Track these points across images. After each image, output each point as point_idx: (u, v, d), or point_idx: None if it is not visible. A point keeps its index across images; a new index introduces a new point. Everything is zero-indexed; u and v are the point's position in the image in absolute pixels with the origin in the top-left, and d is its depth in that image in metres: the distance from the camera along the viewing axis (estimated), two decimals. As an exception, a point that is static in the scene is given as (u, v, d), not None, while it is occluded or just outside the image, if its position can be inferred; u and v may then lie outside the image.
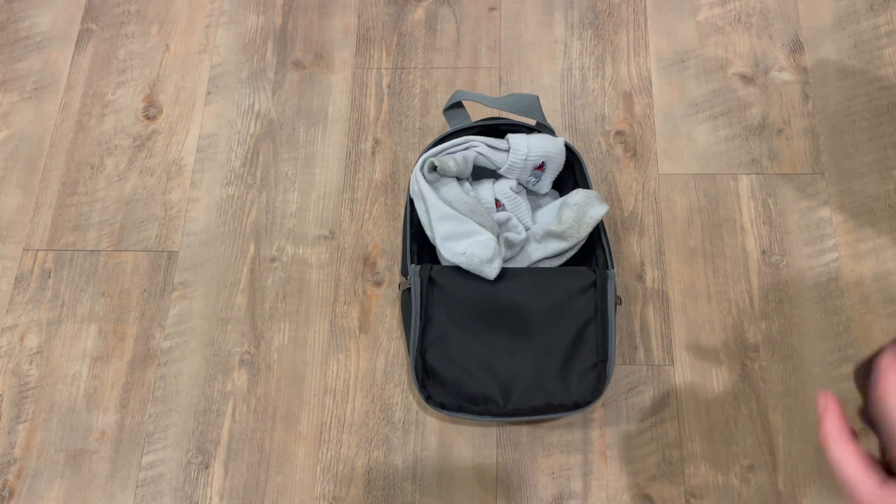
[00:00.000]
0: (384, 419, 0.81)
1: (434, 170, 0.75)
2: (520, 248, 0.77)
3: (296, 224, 0.90)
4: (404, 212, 0.84)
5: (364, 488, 0.78)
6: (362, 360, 0.83)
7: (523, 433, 0.79)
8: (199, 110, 0.96)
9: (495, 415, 0.72)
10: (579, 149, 0.90)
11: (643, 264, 0.86)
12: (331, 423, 0.81)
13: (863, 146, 0.90)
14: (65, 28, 1.02)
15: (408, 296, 0.77)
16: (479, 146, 0.77)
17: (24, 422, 0.82)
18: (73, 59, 1.00)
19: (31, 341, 0.86)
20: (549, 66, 0.97)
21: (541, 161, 0.77)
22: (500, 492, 0.77)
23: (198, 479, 0.79)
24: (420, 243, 0.79)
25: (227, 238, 0.89)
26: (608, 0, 1.00)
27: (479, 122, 0.81)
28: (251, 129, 0.95)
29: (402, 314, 0.82)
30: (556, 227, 0.75)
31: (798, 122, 0.91)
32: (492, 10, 1.00)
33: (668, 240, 0.87)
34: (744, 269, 0.85)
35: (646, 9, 0.99)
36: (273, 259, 0.88)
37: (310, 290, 0.87)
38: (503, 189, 0.79)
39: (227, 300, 0.86)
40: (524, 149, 0.77)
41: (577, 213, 0.75)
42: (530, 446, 0.79)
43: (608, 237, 0.78)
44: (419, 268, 0.74)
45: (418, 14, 1.00)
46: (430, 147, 0.79)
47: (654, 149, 0.91)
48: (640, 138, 0.92)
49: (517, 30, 0.99)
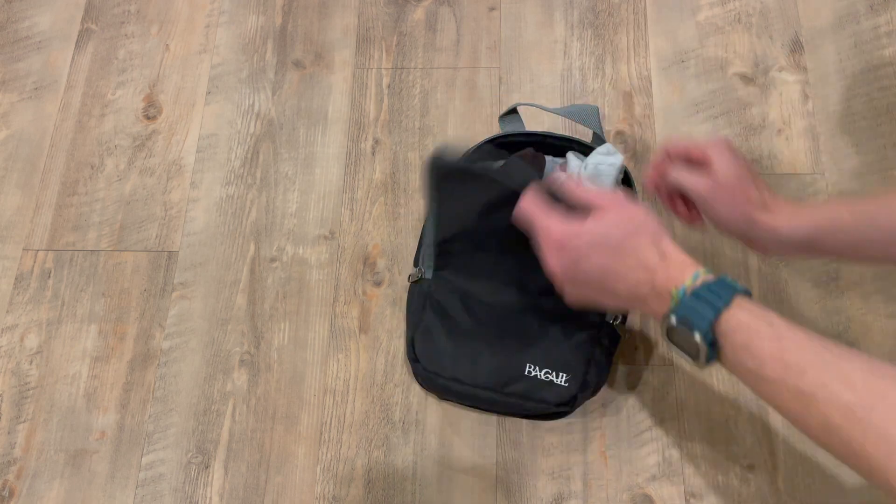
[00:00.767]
0: (384, 419, 0.81)
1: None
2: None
3: (296, 224, 0.90)
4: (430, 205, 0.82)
5: (364, 488, 0.78)
6: (362, 360, 0.83)
7: (523, 433, 0.79)
8: (199, 110, 0.96)
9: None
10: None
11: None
12: (331, 423, 0.81)
13: (863, 146, 0.90)
14: (65, 28, 1.02)
15: (416, 287, 0.81)
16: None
17: (24, 422, 0.82)
18: (73, 59, 1.00)
19: (31, 341, 0.86)
20: (549, 66, 0.97)
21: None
22: (500, 492, 0.77)
23: (198, 479, 0.79)
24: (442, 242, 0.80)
25: (227, 238, 0.89)
26: (608, 0, 1.00)
27: (533, 132, 0.82)
28: (251, 129, 0.95)
29: (407, 304, 0.83)
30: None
31: (798, 122, 0.92)
32: (492, 10, 1.00)
33: (668, 240, 0.87)
34: (744, 269, 0.85)
35: (646, 9, 0.99)
36: (273, 259, 0.88)
37: (310, 290, 0.87)
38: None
39: (227, 300, 0.86)
40: (575, 170, 0.79)
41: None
42: (530, 446, 0.79)
43: None
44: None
45: (418, 14, 1.00)
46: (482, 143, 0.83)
47: (655, 149, 0.91)
48: (640, 138, 0.92)
49: (517, 30, 0.99)
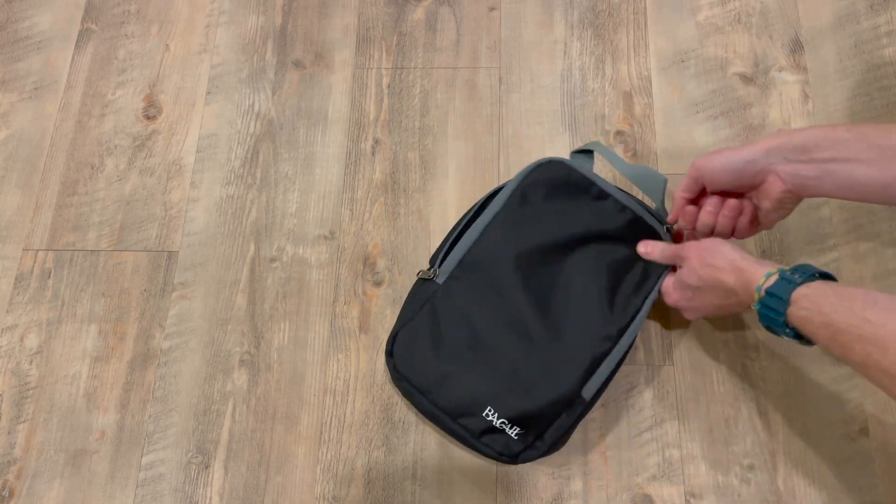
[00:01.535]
0: (384, 419, 0.81)
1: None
2: None
3: (296, 224, 0.90)
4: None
5: (364, 488, 0.78)
6: (362, 360, 0.83)
7: (523, 433, 0.79)
8: (199, 110, 0.96)
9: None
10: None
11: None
12: (331, 423, 0.81)
13: (863, 146, 0.90)
14: (65, 28, 1.02)
15: (422, 285, 0.81)
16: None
17: (24, 422, 0.82)
18: (72, 59, 1.00)
19: (31, 341, 0.86)
20: (549, 66, 0.97)
21: None
22: (500, 492, 0.77)
23: (198, 479, 0.79)
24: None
25: (227, 238, 0.89)
26: (608, 0, 1.00)
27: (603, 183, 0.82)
28: (251, 129, 0.95)
29: (407, 297, 0.83)
30: None
31: (798, 122, 0.91)
32: (492, 10, 1.00)
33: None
34: (744, 269, 0.85)
35: (646, 9, 0.99)
36: (273, 259, 0.88)
37: (310, 290, 0.87)
38: None
39: (227, 300, 0.86)
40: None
41: None
42: (530, 446, 0.79)
43: None
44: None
45: (418, 14, 1.00)
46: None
47: (654, 149, 0.91)
48: (640, 138, 0.92)
49: (517, 30, 0.99)
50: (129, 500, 0.79)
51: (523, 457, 0.74)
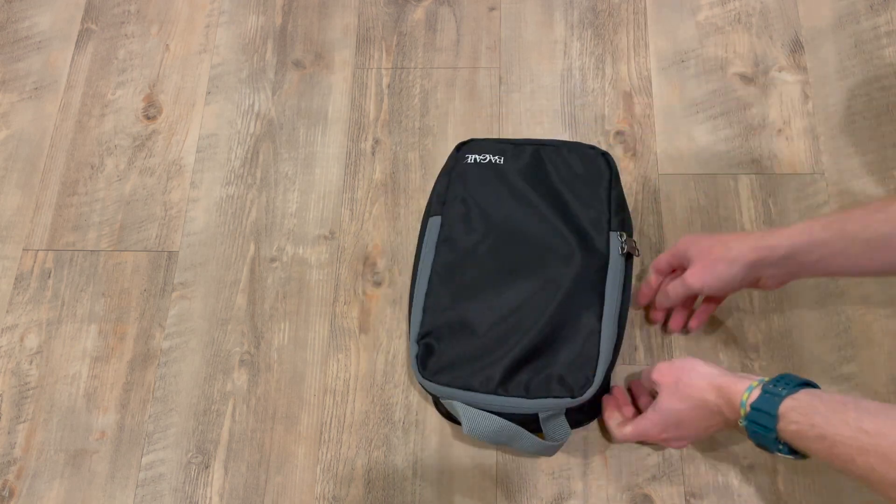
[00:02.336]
0: (384, 419, 0.81)
1: None
2: None
3: (296, 224, 0.90)
4: None
5: (364, 488, 0.78)
6: (362, 360, 0.83)
7: (523, 433, 0.79)
8: (199, 110, 0.96)
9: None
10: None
11: (643, 264, 0.85)
12: (331, 423, 0.81)
13: (863, 146, 0.90)
14: (65, 28, 1.02)
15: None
16: None
17: (24, 422, 0.82)
18: (72, 59, 1.00)
19: (31, 341, 0.86)
20: (549, 66, 0.97)
21: None
22: (500, 492, 0.77)
23: (198, 479, 0.79)
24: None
25: (227, 238, 0.89)
26: (608, 0, 1.00)
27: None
28: (251, 129, 0.95)
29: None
30: None
31: (798, 122, 0.92)
32: (492, 10, 1.00)
33: (668, 240, 0.87)
34: (744, 269, 0.85)
35: (646, 9, 0.99)
36: (273, 259, 0.88)
37: (310, 290, 0.87)
38: None
39: (227, 300, 0.86)
40: None
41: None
42: (530, 446, 0.79)
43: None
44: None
45: (418, 14, 1.00)
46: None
47: (654, 149, 0.91)
48: (640, 138, 0.92)
49: (517, 30, 0.99)
50: (129, 500, 0.79)
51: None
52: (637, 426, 0.71)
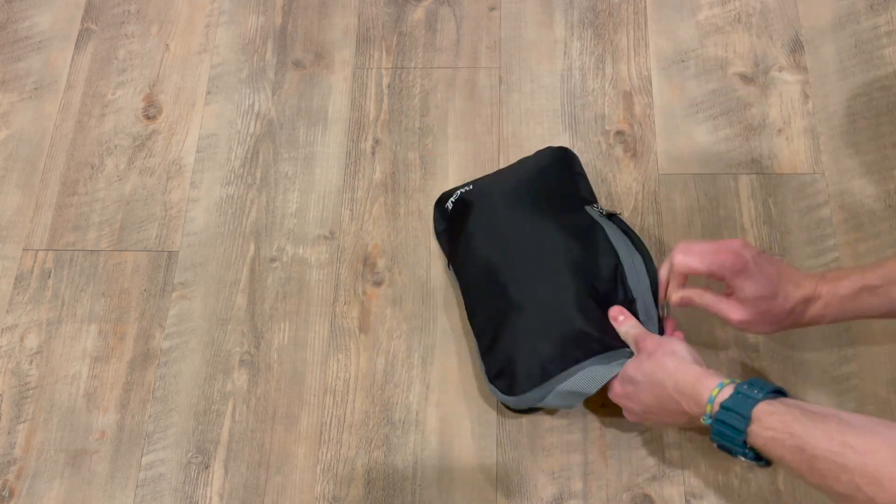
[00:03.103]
0: (384, 419, 0.81)
1: None
2: None
3: (296, 224, 0.90)
4: None
5: (364, 488, 0.78)
6: (362, 360, 0.83)
7: (523, 433, 0.79)
8: (199, 110, 0.96)
9: None
10: (579, 149, 0.90)
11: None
12: (331, 423, 0.81)
13: (863, 146, 0.90)
14: (65, 28, 1.02)
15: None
16: None
17: (24, 422, 0.82)
18: (72, 58, 1.00)
19: (31, 341, 0.86)
20: (549, 65, 0.97)
21: None
22: (500, 492, 0.77)
23: (198, 479, 0.79)
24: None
25: (227, 238, 0.89)
26: (608, 0, 1.00)
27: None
28: (251, 129, 0.95)
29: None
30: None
31: (798, 122, 0.91)
32: (492, 9, 1.00)
33: (668, 240, 0.87)
34: (744, 269, 0.85)
35: (646, 9, 0.99)
36: (273, 259, 0.88)
37: (310, 290, 0.87)
38: None
39: (227, 300, 0.86)
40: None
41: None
42: (530, 446, 0.79)
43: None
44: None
45: (418, 14, 1.00)
46: None
47: (654, 149, 0.91)
48: (640, 138, 0.92)
49: (517, 30, 0.99)
50: (129, 500, 0.79)
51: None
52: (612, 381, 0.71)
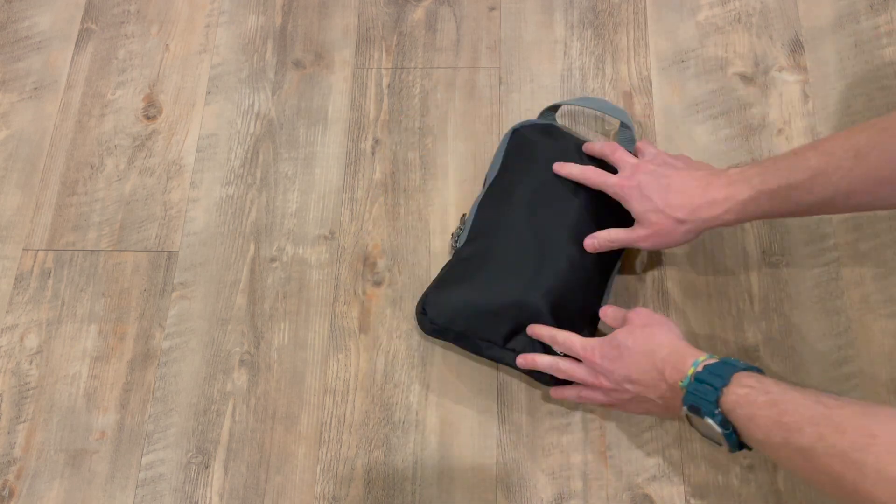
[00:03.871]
0: (384, 419, 0.81)
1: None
2: None
3: (296, 224, 0.90)
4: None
5: (364, 488, 0.78)
6: (362, 360, 0.83)
7: (523, 433, 0.79)
8: (198, 110, 0.96)
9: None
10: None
11: (643, 264, 0.86)
12: (331, 423, 0.81)
13: (863, 146, 0.90)
14: (65, 28, 1.02)
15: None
16: None
17: (24, 422, 0.82)
18: (72, 58, 1.00)
19: (31, 341, 0.86)
20: (549, 66, 0.97)
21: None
22: (500, 492, 0.77)
23: (198, 479, 0.79)
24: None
25: (226, 238, 0.89)
26: (608, 0, 1.00)
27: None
28: (251, 129, 0.95)
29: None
30: None
31: (798, 122, 0.92)
32: (492, 9, 1.00)
33: (668, 240, 0.86)
34: (744, 269, 0.85)
35: (646, 9, 0.99)
36: (273, 259, 0.88)
37: (310, 290, 0.87)
38: None
39: (227, 300, 0.86)
40: None
41: None
42: (530, 446, 0.79)
43: None
44: None
45: (418, 14, 1.00)
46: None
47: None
48: (640, 138, 0.92)
49: (517, 30, 0.99)
50: (129, 500, 0.79)
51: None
52: (585, 341, 0.71)
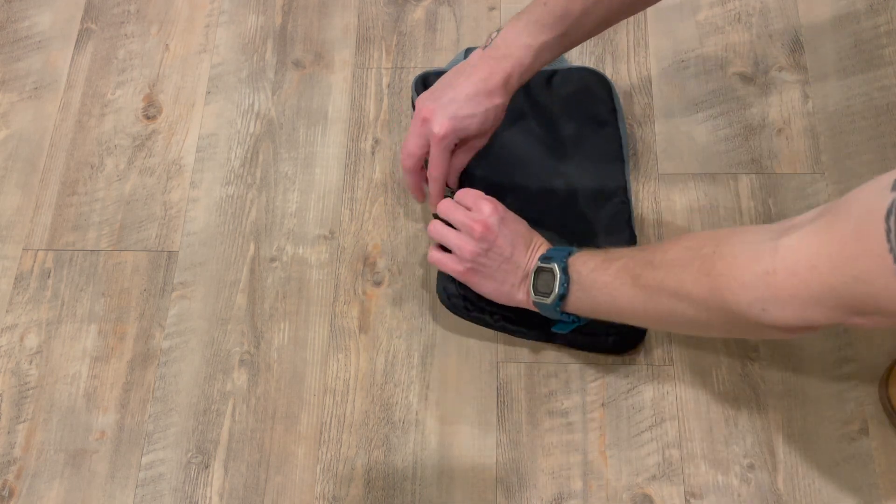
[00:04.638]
0: (384, 419, 0.81)
1: None
2: None
3: (296, 224, 0.90)
4: None
5: (364, 488, 0.78)
6: (362, 360, 0.83)
7: (523, 433, 0.79)
8: (198, 110, 0.96)
9: None
10: (579, 149, 0.90)
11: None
12: (331, 423, 0.81)
13: (863, 146, 0.90)
14: (65, 28, 1.02)
15: None
16: None
17: (24, 422, 0.82)
18: (72, 58, 1.00)
19: (31, 341, 0.86)
20: (549, 65, 0.96)
21: None
22: (500, 492, 0.77)
23: (198, 479, 0.79)
24: None
25: (226, 238, 0.89)
26: (608, 0, 1.00)
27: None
28: (251, 129, 0.95)
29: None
30: None
31: (798, 122, 0.91)
32: (492, 9, 1.00)
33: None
34: (744, 268, 0.85)
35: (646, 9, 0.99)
36: (273, 259, 0.88)
37: (310, 290, 0.87)
38: None
39: (227, 300, 0.86)
40: None
41: None
42: (530, 446, 0.79)
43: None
44: None
45: (418, 14, 1.00)
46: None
47: (654, 149, 0.91)
48: (640, 138, 0.92)
49: (517, 30, 0.99)
50: (128, 500, 0.79)
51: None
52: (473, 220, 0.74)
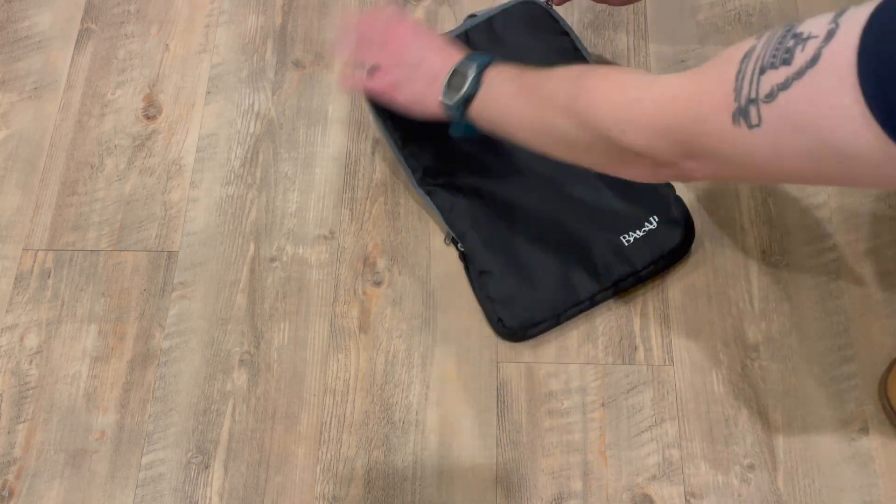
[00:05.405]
0: (384, 419, 0.81)
1: None
2: None
3: (296, 224, 0.90)
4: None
5: (364, 488, 0.78)
6: (362, 360, 0.83)
7: (523, 433, 0.79)
8: (198, 110, 0.96)
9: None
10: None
11: (643, 264, 0.85)
12: (331, 423, 0.81)
13: (863, 146, 0.90)
14: (65, 28, 1.02)
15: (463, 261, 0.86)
16: None
17: (24, 422, 0.82)
18: (72, 58, 1.00)
19: (31, 341, 0.86)
20: (549, 65, 0.96)
21: None
22: (500, 492, 0.77)
23: (198, 479, 0.79)
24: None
25: (226, 238, 0.89)
26: (608, 0, 1.00)
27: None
28: (251, 129, 0.95)
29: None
30: None
31: (798, 122, 0.91)
32: (492, 9, 1.00)
33: (668, 240, 0.86)
34: (744, 269, 0.85)
35: (646, 9, 0.99)
36: (273, 259, 0.88)
37: (310, 290, 0.87)
38: None
39: (227, 300, 0.86)
40: None
41: None
42: (530, 446, 0.79)
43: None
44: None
45: (418, 14, 1.00)
46: None
47: (654, 149, 0.91)
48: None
49: (517, 30, 0.99)
50: (128, 500, 0.79)
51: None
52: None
